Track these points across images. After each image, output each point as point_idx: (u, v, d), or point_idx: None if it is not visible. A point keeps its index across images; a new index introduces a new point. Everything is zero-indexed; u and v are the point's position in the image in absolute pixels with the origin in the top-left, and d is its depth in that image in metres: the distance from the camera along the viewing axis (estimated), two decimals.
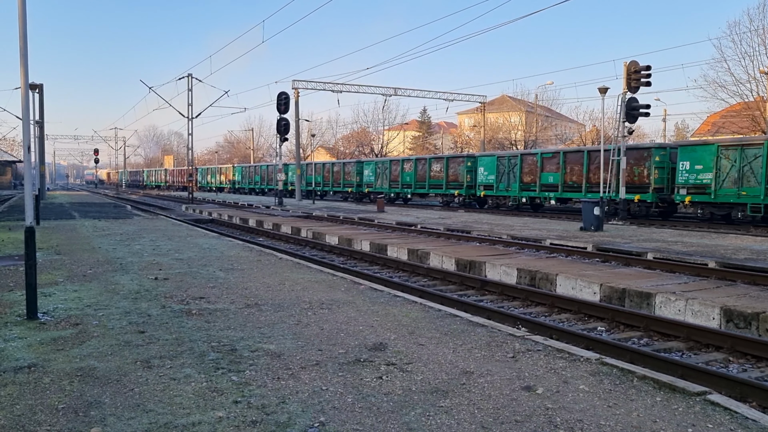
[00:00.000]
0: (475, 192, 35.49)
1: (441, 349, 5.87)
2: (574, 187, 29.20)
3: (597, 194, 25.68)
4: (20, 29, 7.00)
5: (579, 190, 28.79)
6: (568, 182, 29.54)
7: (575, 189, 29.15)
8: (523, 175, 32.03)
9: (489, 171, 34.39)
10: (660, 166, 25.40)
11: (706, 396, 4.62)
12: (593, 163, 28.07)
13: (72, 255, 12.60)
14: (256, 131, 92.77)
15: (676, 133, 66.59)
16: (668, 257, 13.19)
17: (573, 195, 29.66)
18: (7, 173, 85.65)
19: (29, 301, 6.95)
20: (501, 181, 33.49)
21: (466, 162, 36.36)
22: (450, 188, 37.25)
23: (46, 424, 4.01)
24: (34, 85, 39.54)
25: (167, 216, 28.98)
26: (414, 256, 14.81)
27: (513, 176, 32.68)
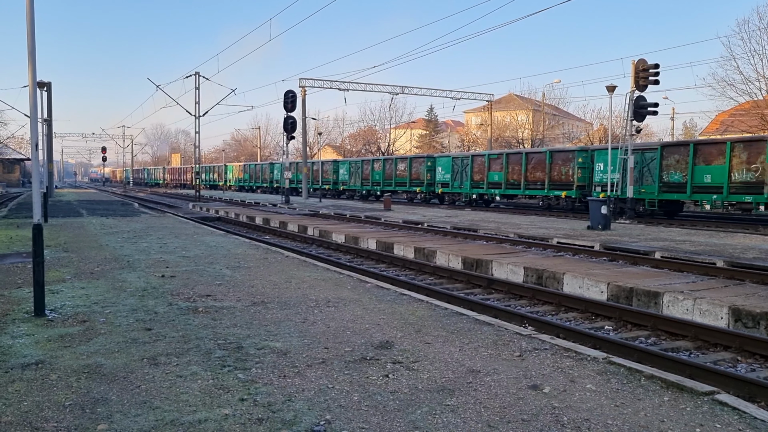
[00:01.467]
0: (435, 189, 38.65)
1: (447, 347, 5.85)
2: (515, 185, 32.61)
3: (534, 191, 31.41)
4: (28, 28, 7.02)
5: (519, 188, 32.36)
6: (510, 180, 32.92)
7: (516, 186, 32.59)
8: (473, 174, 35.35)
9: (446, 170, 37.72)
10: (582, 166, 28.73)
11: (714, 396, 4.60)
12: (530, 163, 31.70)
13: (79, 252, 12.65)
14: (263, 129, 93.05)
15: (685, 131, 66.28)
16: (676, 256, 13.13)
17: (514, 192, 33.15)
18: (16, 171, 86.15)
19: (37, 298, 6.98)
20: (455, 179, 36.73)
21: (426, 162, 39.80)
22: (413, 186, 40.72)
23: (53, 420, 4.02)
24: (42, 83, 39.70)
25: (174, 214, 29.08)
26: (420, 254, 14.80)
27: (465, 175, 35.92)
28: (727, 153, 22.73)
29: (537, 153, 32.80)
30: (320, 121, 71.68)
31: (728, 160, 22.72)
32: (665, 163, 24.92)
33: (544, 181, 30.71)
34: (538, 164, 31.36)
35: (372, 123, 74.68)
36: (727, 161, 22.75)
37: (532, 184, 31.41)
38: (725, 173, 22.71)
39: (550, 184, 30.44)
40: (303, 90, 44.44)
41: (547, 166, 30.60)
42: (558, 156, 30.16)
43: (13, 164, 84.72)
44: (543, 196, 31.13)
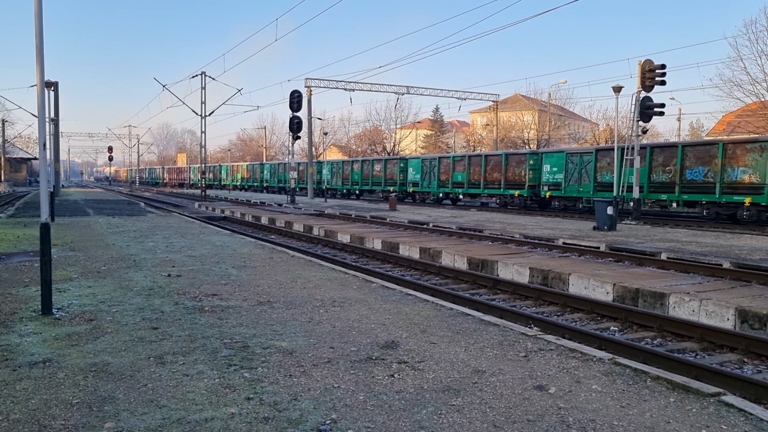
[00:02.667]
0: (407, 188, 41.52)
1: (453, 347, 5.86)
2: (476, 185, 35.53)
3: (492, 190, 34.37)
4: (36, 28, 7.06)
5: (479, 187, 35.24)
6: (471, 180, 35.84)
7: (477, 186, 35.51)
8: (440, 174, 38.33)
9: (416, 171, 40.77)
10: (533, 168, 31.64)
11: (720, 397, 4.59)
12: (489, 165, 34.63)
13: (86, 251, 12.70)
14: (268, 129, 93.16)
15: (691, 132, 66.01)
16: (682, 257, 13.09)
17: (475, 191, 35.97)
18: (23, 170, 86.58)
19: (44, 297, 7.01)
20: (425, 179, 39.84)
21: (399, 163, 43.15)
22: (387, 185, 43.66)
23: (60, 418, 4.04)
24: (50, 82, 39.87)
25: (180, 213, 29.16)
26: (426, 254, 14.80)
27: (433, 175, 38.90)
28: (648, 157, 25.08)
29: (495, 155, 35.32)
30: (326, 121, 71.81)
31: (648, 162, 25.14)
32: (599, 165, 27.70)
33: (500, 181, 33.66)
34: (496, 166, 34.21)
35: (378, 123, 74.76)
36: (647, 164, 25.13)
37: (491, 184, 34.41)
38: (646, 174, 25.09)
39: (505, 183, 33.39)
40: (309, 90, 44.48)
41: (503, 167, 33.55)
42: (512, 158, 33.58)
43: (20, 163, 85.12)
44: (500, 194, 34.11)
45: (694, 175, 23.91)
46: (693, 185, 23.88)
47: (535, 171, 31.59)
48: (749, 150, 22.25)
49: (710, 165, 23.40)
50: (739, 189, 22.39)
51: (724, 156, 22.91)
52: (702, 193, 23.65)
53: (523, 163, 32.42)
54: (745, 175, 22.25)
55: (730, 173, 22.77)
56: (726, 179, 22.78)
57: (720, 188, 22.89)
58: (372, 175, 45.48)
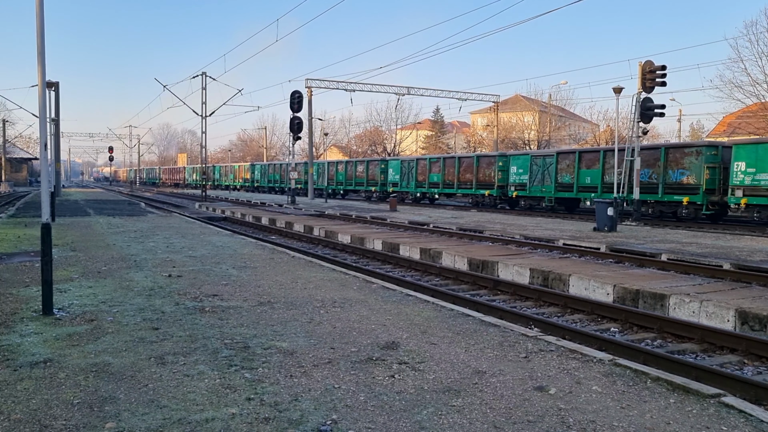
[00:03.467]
0: (387, 188, 43.67)
1: (453, 348, 5.86)
2: (450, 185, 37.76)
3: (465, 190, 36.76)
4: (37, 29, 7.07)
5: (453, 187, 37.58)
6: (446, 181, 38.03)
7: (451, 186, 37.74)
8: (418, 175, 40.67)
9: (396, 172, 43.19)
10: (502, 169, 33.82)
11: (721, 398, 4.59)
12: (462, 166, 36.95)
13: (87, 252, 12.71)
14: (269, 130, 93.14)
15: (691, 133, 65.98)
16: (682, 258, 13.09)
17: (449, 191, 38.13)
18: (23, 170, 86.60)
19: (45, 297, 7.02)
20: (404, 180, 42.27)
21: (380, 165, 45.43)
22: (369, 185, 46.09)
23: (61, 418, 4.05)
24: (51, 83, 39.85)
25: (181, 214, 29.17)
26: (426, 255, 14.81)
27: (411, 176, 41.29)
28: (601, 160, 27.41)
29: (467, 157, 37.67)
30: (326, 121, 71.89)
31: (602, 165, 27.46)
32: (560, 167, 29.88)
33: (472, 181, 35.95)
34: (468, 167, 36.42)
35: (378, 124, 74.78)
36: (600, 166, 27.51)
37: (464, 184, 36.74)
38: (599, 176, 27.49)
39: (477, 184, 35.69)
40: (309, 90, 44.47)
41: (475, 168, 35.73)
42: (483, 160, 35.80)
43: (20, 163, 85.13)
44: (472, 194, 36.50)
45: (641, 176, 25.03)
46: (641, 186, 24.82)
47: (503, 172, 33.87)
48: (687, 154, 24.42)
49: (654, 167, 25.30)
50: (679, 189, 24.33)
51: (666, 159, 24.99)
52: (648, 192, 25.24)
53: (492, 164, 34.62)
54: (684, 176, 24.37)
55: (671, 175, 24.81)
56: (668, 180, 24.82)
57: (663, 188, 24.92)
58: (355, 175, 47.77)
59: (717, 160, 23.49)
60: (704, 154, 23.66)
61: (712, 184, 23.29)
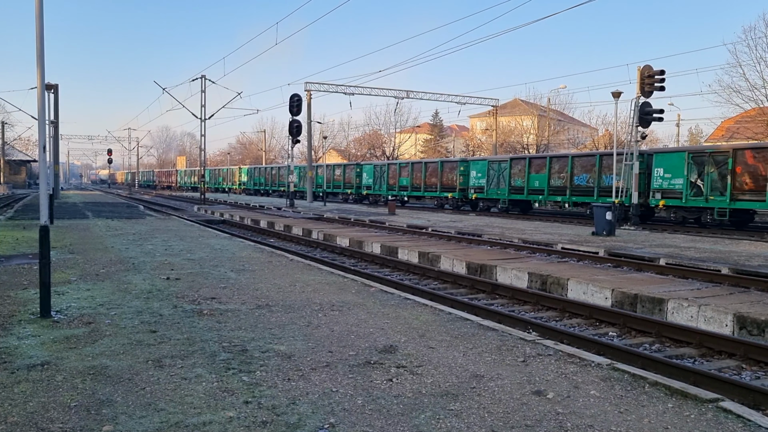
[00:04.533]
0: (361, 191, 46.90)
1: (451, 352, 5.86)
2: (418, 188, 41.08)
3: (431, 193, 39.82)
4: (37, 31, 7.07)
5: (420, 190, 40.72)
6: (414, 184, 41.39)
7: (418, 189, 40.99)
8: (389, 179, 43.93)
9: (369, 176, 46.27)
10: (463, 173, 36.58)
11: (719, 403, 4.59)
12: (428, 171, 40.04)
13: (85, 254, 12.70)
14: (268, 133, 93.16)
15: (690, 138, 66.09)
16: (681, 263, 13.10)
17: (417, 194, 41.47)
18: (22, 172, 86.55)
19: (43, 300, 7.01)
20: (376, 183, 45.36)
21: (356, 169, 48.38)
22: (346, 188, 49.01)
23: (58, 421, 4.04)
24: (50, 85, 39.87)
25: (179, 216, 29.15)
26: (425, 258, 14.81)
27: (383, 180, 44.53)
28: (547, 165, 30.27)
29: (432, 162, 41.03)
30: (325, 125, 71.75)
31: (548, 170, 30.21)
32: (513, 171, 32.48)
33: (437, 185, 38.89)
34: (434, 172, 39.41)
35: (377, 127, 74.79)
36: (547, 171, 30.25)
37: (430, 187, 39.86)
38: (546, 180, 30.28)
39: (441, 187, 38.56)
40: (308, 94, 44.52)
41: (439, 173, 38.65)
42: (446, 165, 38.91)
43: (19, 166, 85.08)
44: (436, 196, 39.35)
45: (580, 180, 28.90)
46: (579, 189, 28.83)
47: (464, 176, 36.67)
48: (617, 161, 26.09)
49: (591, 173, 28.41)
50: (610, 192, 26.29)
51: (601, 165, 27.88)
52: (585, 195, 28.46)
53: (455, 169, 37.54)
54: (614, 180, 26.39)
55: (605, 179, 27.73)
56: (602, 184, 27.79)
57: (597, 191, 27.84)
58: (333, 179, 50.95)
59: (643, 166, 25.59)
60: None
61: (639, 188, 25.10)
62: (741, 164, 22.68)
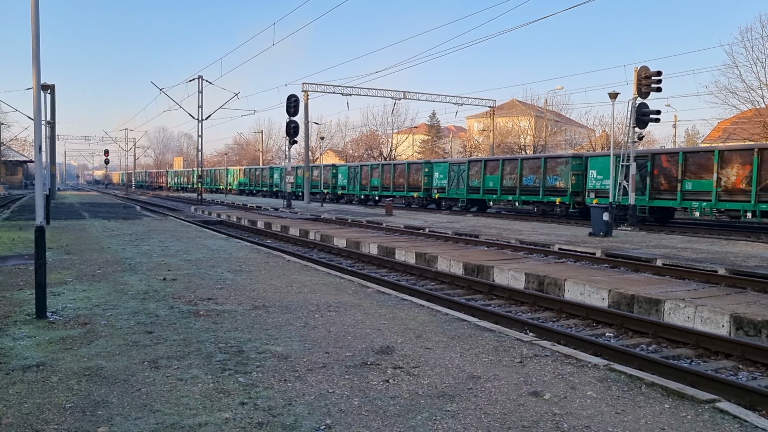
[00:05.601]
0: (337, 191, 49.67)
1: (448, 353, 5.85)
2: (387, 188, 43.79)
3: (399, 192, 42.61)
4: (33, 31, 7.05)
5: (389, 190, 43.55)
6: (384, 185, 44.15)
7: (388, 189, 43.70)
8: (362, 179, 46.76)
9: (344, 176, 49.27)
10: (428, 174, 39.50)
11: (715, 404, 4.59)
12: (396, 171, 43.03)
13: (81, 255, 12.67)
14: (265, 133, 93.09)
15: (687, 139, 66.23)
16: (678, 264, 13.12)
17: (387, 193, 43.63)
18: (19, 173, 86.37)
19: (38, 300, 6.99)
20: (350, 183, 48.26)
21: (332, 170, 51.85)
22: (323, 188, 51.34)
23: (53, 423, 4.02)
24: (46, 85, 39.80)
25: (176, 217, 29.11)
26: (422, 259, 14.80)
27: (357, 180, 47.48)
28: (500, 167, 33.05)
29: (400, 164, 44.05)
30: (323, 125, 71.82)
31: (501, 171, 32.95)
32: (470, 173, 35.26)
33: (404, 185, 41.89)
34: (402, 173, 42.52)
35: (374, 128, 74.79)
36: (500, 172, 32.98)
37: (398, 187, 42.85)
38: (499, 181, 33.10)
39: (408, 187, 41.61)
40: (306, 94, 44.51)
41: (407, 174, 41.73)
42: (413, 167, 42.06)
43: (15, 166, 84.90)
44: (404, 196, 42.34)
45: (528, 181, 31.34)
46: (527, 189, 31.33)
47: (429, 177, 39.55)
48: (559, 163, 29.85)
49: (537, 173, 30.78)
50: (554, 192, 29.78)
51: (545, 167, 30.34)
52: (532, 194, 31.03)
53: (420, 170, 40.52)
54: (557, 181, 29.78)
55: (549, 180, 30.15)
56: (546, 184, 30.20)
57: (543, 191, 30.32)
58: (311, 179, 52.15)
59: (581, 168, 28.74)
60: (571, 164, 29.15)
61: (577, 188, 28.69)
62: (658, 167, 25.45)
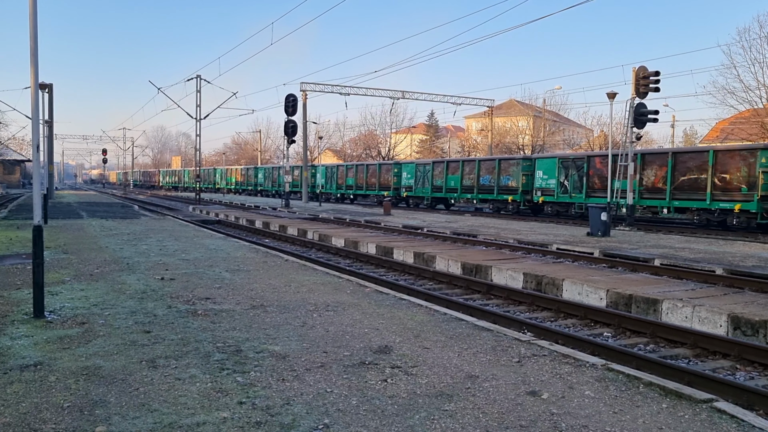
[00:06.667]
0: (315, 190, 51.24)
1: (446, 352, 5.85)
2: (361, 187, 46.61)
3: (371, 192, 45.35)
4: (31, 30, 7.04)
5: (362, 189, 46.37)
6: (358, 184, 46.98)
7: (361, 188, 46.64)
8: (338, 179, 49.88)
9: (322, 176, 52.24)
10: (397, 174, 42.44)
11: (713, 403, 4.60)
12: (369, 171, 45.85)
13: (79, 254, 12.65)
14: (263, 133, 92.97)
15: (685, 139, 66.32)
16: (675, 264, 13.13)
17: (360, 192, 46.95)
18: (16, 172, 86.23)
19: (36, 300, 6.97)
20: (328, 183, 51.45)
21: (312, 170, 53.29)
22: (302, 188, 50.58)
23: (51, 422, 4.02)
24: (44, 84, 39.70)
25: (174, 216, 29.08)
26: (420, 259, 14.80)
27: (333, 180, 50.41)
28: (461, 167, 35.95)
29: (373, 165, 46.58)
30: (321, 125, 71.77)
31: (461, 171, 35.82)
32: (435, 173, 38.12)
33: (376, 184, 44.58)
34: (374, 173, 45.18)
35: (373, 127, 74.75)
36: (460, 172, 35.84)
37: (370, 187, 45.53)
38: (459, 180, 35.86)
39: (379, 186, 44.23)
40: (304, 94, 44.49)
41: (378, 174, 44.52)
42: (384, 167, 44.77)
43: (13, 165, 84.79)
44: (375, 194, 44.99)
45: (484, 180, 34.28)
46: (484, 188, 34.27)
47: (398, 177, 42.42)
48: (511, 164, 32.69)
49: (492, 174, 33.55)
50: (506, 191, 32.64)
51: (499, 168, 33.09)
52: (488, 193, 33.87)
53: (390, 171, 43.41)
54: (509, 181, 32.60)
55: (503, 179, 32.99)
56: (500, 184, 33.03)
57: (497, 190, 33.19)
58: (293, 179, 54.17)
59: (530, 169, 31.30)
60: (521, 165, 31.91)
61: (527, 187, 31.35)
62: (593, 168, 27.95)
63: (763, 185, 21.14)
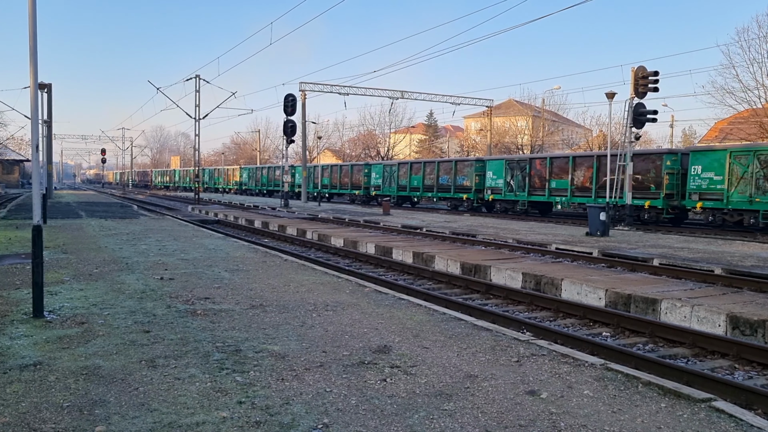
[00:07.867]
0: (294, 189, 51.57)
1: (445, 352, 5.86)
2: (335, 187, 50.30)
3: (345, 191, 48.80)
4: (30, 30, 7.04)
5: (337, 188, 50.09)
6: (333, 184, 50.64)
7: (336, 188, 50.33)
8: (315, 179, 52.72)
9: (300, 176, 51.37)
10: (367, 174, 45.69)
11: (711, 403, 4.61)
12: (342, 172, 49.45)
13: (78, 254, 12.65)
14: (262, 133, 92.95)
15: (684, 139, 66.35)
16: (674, 263, 13.15)
17: (335, 191, 50.81)
18: (15, 172, 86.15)
19: (35, 300, 6.97)
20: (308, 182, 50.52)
21: (291, 170, 51.65)
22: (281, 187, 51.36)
23: (51, 422, 4.02)
24: (43, 84, 39.70)
25: (173, 216, 29.07)
26: (419, 259, 14.81)
27: (310, 180, 51.69)
28: (423, 168, 39.49)
29: (346, 165, 50.36)
30: (320, 125, 71.82)
31: (423, 172, 39.24)
32: (400, 173, 41.88)
33: (349, 184, 48.04)
34: (346, 173, 48.71)
35: (372, 127, 74.73)
36: (422, 173, 39.26)
37: (344, 186, 49.09)
38: (421, 180, 39.35)
39: (351, 186, 47.72)
40: (303, 94, 44.48)
41: (350, 174, 47.84)
42: (355, 168, 48.01)
43: (12, 165, 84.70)
44: (348, 193, 48.78)
45: (443, 180, 37.45)
46: (442, 187, 37.52)
47: (367, 177, 45.50)
48: (466, 165, 36.07)
49: (450, 174, 36.73)
50: (462, 190, 35.79)
51: (456, 169, 36.39)
52: (446, 192, 37.14)
53: (361, 171, 46.51)
54: (464, 180, 35.82)
55: (458, 179, 36.10)
56: (456, 183, 36.15)
57: (454, 189, 36.39)
58: (274, 178, 59.24)
59: (482, 170, 34.42)
60: (474, 166, 35.05)
61: (479, 186, 34.53)
62: (534, 169, 30.78)
63: (668, 185, 24.28)
